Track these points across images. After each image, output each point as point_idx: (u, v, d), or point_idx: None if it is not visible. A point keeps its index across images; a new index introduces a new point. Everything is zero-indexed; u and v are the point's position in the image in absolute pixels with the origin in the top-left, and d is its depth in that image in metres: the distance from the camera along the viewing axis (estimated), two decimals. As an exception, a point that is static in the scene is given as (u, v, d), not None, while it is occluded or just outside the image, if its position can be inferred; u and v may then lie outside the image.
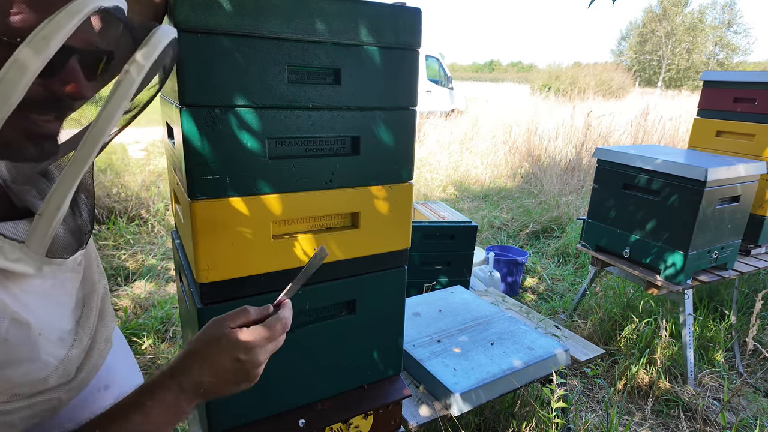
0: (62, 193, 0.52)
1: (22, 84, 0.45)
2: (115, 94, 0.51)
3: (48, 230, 0.54)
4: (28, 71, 0.45)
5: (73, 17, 0.46)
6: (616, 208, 2.47)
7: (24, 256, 0.54)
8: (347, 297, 1.17)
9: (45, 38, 0.45)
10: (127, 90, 0.52)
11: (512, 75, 48.44)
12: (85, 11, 0.46)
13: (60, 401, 0.62)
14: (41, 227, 0.53)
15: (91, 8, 0.47)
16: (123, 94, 0.52)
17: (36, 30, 0.45)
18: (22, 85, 0.45)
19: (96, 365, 0.68)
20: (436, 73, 11.44)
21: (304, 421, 1.17)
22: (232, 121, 0.92)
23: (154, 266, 3.41)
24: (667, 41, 40.26)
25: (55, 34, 0.45)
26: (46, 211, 0.53)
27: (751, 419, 2.21)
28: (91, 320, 0.68)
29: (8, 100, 0.45)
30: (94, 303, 0.69)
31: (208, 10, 0.84)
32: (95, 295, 0.69)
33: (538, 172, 6.43)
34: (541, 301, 3.41)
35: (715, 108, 2.81)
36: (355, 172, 1.08)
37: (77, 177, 0.53)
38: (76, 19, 0.46)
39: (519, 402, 1.95)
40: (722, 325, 2.80)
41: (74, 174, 0.52)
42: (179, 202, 1.12)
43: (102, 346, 0.70)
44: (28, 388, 0.57)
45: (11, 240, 0.52)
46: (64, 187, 0.52)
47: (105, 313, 0.72)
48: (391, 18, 1.02)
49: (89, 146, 0.52)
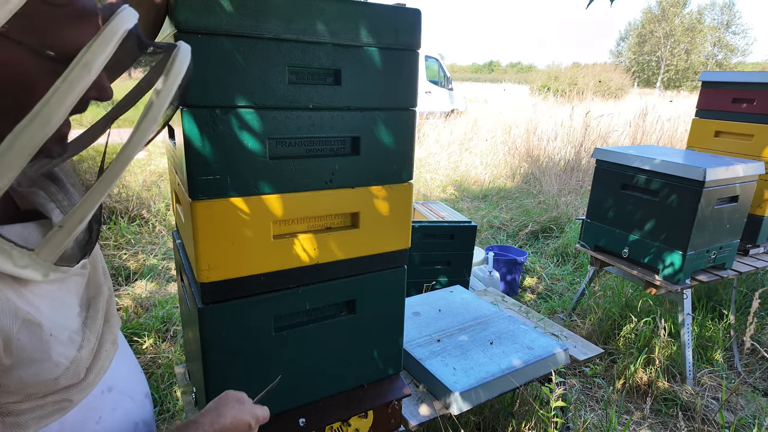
0: (88, 207, 0.54)
1: (63, 109, 0.46)
2: (146, 117, 0.53)
3: (65, 241, 0.55)
4: (70, 97, 0.46)
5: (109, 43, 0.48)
6: (614, 208, 2.48)
7: (32, 263, 0.55)
8: (347, 297, 1.18)
9: (86, 66, 0.47)
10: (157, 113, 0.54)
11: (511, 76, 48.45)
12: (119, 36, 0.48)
13: (70, 403, 0.63)
14: (59, 238, 0.55)
15: (123, 32, 0.49)
16: (153, 118, 0.54)
17: (78, 56, 0.47)
18: (64, 110, 0.47)
19: (103, 367, 0.69)
20: (436, 73, 11.44)
21: (304, 420, 1.17)
22: (233, 121, 0.93)
23: (155, 266, 3.41)
24: (666, 42, 40.31)
25: (95, 61, 0.47)
26: (67, 224, 0.54)
27: (750, 418, 2.22)
28: (98, 322, 0.68)
29: (49, 123, 0.46)
30: (100, 305, 0.69)
31: (209, 11, 0.85)
32: (101, 297, 0.70)
33: (537, 173, 6.44)
34: (541, 300, 3.41)
35: (713, 108, 2.82)
36: (355, 172, 1.09)
37: (104, 193, 0.54)
38: (111, 44, 0.48)
39: (518, 401, 1.96)
40: (721, 325, 2.80)
41: (102, 190, 0.54)
42: (180, 202, 1.13)
43: (109, 348, 0.71)
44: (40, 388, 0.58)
45: (21, 248, 0.53)
46: (91, 202, 0.54)
47: (110, 315, 0.73)
48: (390, 19, 1.02)
49: (120, 166, 0.53)
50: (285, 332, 1.11)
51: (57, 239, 0.55)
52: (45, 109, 0.46)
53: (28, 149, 0.46)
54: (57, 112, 0.46)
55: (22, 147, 0.46)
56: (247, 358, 1.08)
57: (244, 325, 1.06)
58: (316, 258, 1.09)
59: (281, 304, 1.09)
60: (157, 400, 2.15)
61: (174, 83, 0.55)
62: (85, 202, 0.53)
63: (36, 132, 0.45)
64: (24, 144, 0.45)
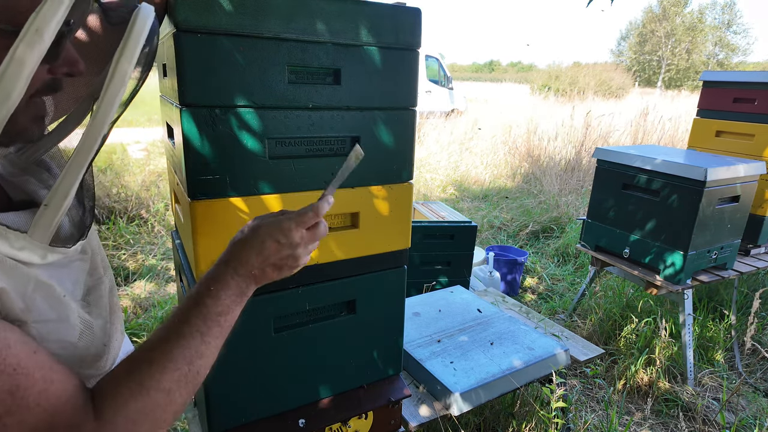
0: (68, 183, 0.54)
1: (21, 80, 0.45)
2: (110, 85, 0.52)
3: (53, 220, 0.55)
4: (26, 67, 0.45)
5: (60, 5, 0.46)
6: (615, 208, 2.47)
7: (28, 245, 0.55)
8: (347, 297, 1.17)
9: (38, 31, 0.45)
10: (121, 80, 0.52)
11: (512, 75, 48.43)
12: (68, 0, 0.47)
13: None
14: (47, 217, 0.54)
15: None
16: (118, 84, 0.52)
17: (27, 24, 0.45)
18: (22, 82, 0.45)
19: (116, 356, 0.70)
20: (436, 73, 11.44)
21: (304, 421, 1.17)
22: (232, 121, 0.92)
23: (154, 266, 3.41)
24: (667, 41, 40.29)
25: (47, 26, 0.45)
26: (52, 202, 0.54)
27: (751, 419, 2.21)
28: (103, 306, 0.69)
29: (9, 97, 0.45)
30: (102, 292, 0.70)
31: (209, 10, 0.84)
32: (102, 285, 0.70)
33: (538, 172, 6.43)
34: (541, 301, 3.41)
35: (714, 108, 2.81)
36: (355, 172, 1.08)
37: (82, 167, 0.54)
38: (63, 7, 0.46)
39: (519, 402, 1.95)
40: (722, 325, 2.80)
41: (79, 165, 0.53)
42: (179, 202, 1.12)
43: (119, 337, 0.71)
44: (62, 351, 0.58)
45: (14, 230, 0.54)
46: (70, 178, 0.54)
47: (115, 306, 0.73)
48: (391, 18, 1.02)
49: (92, 137, 0.53)
50: (285, 333, 1.10)
51: (45, 218, 0.54)
52: (2, 82, 0.44)
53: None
54: (15, 86, 0.45)
55: None
56: (247, 358, 1.07)
57: (244, 325, 1.05)
58: (316, 258, 1.09)
59: (281, 304, 1.08)
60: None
61: (135, 46, 0.53)
62: (64, 178, 0.53)
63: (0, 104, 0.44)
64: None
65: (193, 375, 0.60)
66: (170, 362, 0.58)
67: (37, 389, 0.49)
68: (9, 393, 0.47)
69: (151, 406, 0.55)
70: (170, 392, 0.57)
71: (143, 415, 0.55)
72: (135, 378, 0.56)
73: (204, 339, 0.61)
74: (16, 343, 0.49)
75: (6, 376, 0.47)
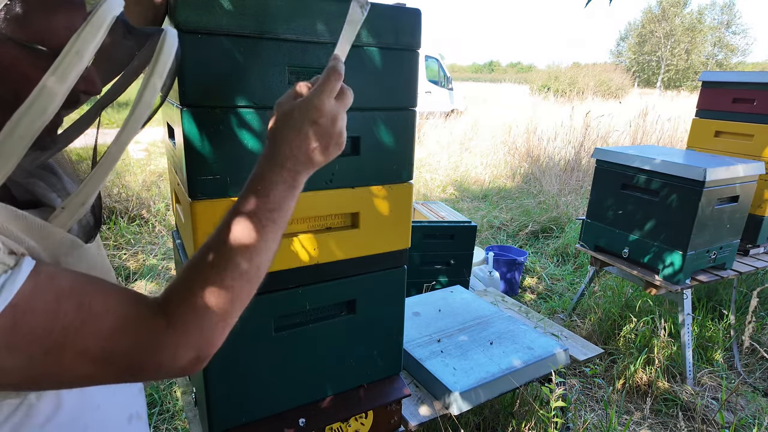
0: (89, 190, 0.56)
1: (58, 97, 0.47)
2: (140, 102, 0.55)
3: (68, 223, 0.57)
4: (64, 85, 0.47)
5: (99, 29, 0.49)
6: (614, 208, 2.48)
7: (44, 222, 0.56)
8: (347, 297, 1.18)
9: (78, 53, 0.47)
10: (150, 97, 0.55)
11: (512, 75, 48.43)
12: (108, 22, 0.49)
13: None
14: (62, 219, 0.56)
15: (111, 19, 0.50)
16: (147, 102, 0.55)
17: (68, 45, 0.47)
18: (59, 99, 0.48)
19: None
20: (436, 73, 11.44)
21: (304, 421, 1.17)
22: (233, 121, 0.93)
23: (155, 266, 3.41)
24: (666, 42, 40.32)
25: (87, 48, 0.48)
26: (69, 206, 0.56)
27: (750, 418, 2.22)
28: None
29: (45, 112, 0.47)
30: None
31: (209, 10, 0.85)
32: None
33: (538, 173, 6.44)
34: (541, 300, 3.41)
35: (713, 108, 2.82)
36: (355, 172, 1.09)
37: (104, 178, 0.56)
38: (101, 31, 0.49)
39: (518, 401, 1.96)
40: (721, 325, 2.80)
41: (102, 175, 0.56)
42: (180, 202, 1.13)
43: None
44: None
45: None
46: (92, 186, 0.56)
47: None
48: (391, 19, 1.02)
49: (117, 150, 0.55)
50: (285, 332, 1.11)
51: (60, 220, 0.56)
52: (40, 97, 0.46)
53: (27, 137, 0.47)
54: (53, 100, 0.47)
55: (21, 135, 0.46)
56: (247, 358, 1.08)
57: (244, 325, 1.05)
58: (316, 258, 1.09)
59: (281, 304, 1.08)
60: (156, 401, 2.15)
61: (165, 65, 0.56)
62: (86, 186, 0.55)
63: (34, 120, 0.46)
64: (23, 132, 0.46)
65: (255, 270, 0.61)
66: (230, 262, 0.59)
67: (100, 299, 0.52)
68: (76, 309, 0.50)
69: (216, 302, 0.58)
70: (233, 289, 0.59)
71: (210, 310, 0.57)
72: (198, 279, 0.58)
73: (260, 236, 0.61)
74: (61, 271, 0.52)
75: (66, 296, 0.50)
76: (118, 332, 0.52)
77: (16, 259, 0.48)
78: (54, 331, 0.48)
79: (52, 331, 0.48)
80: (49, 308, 0.48)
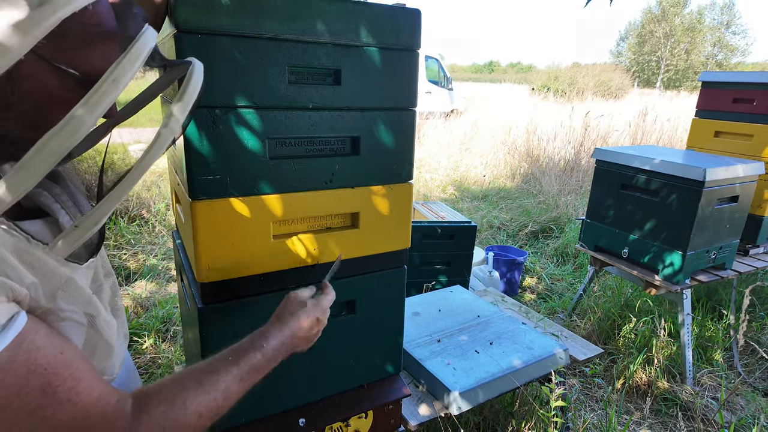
0: (104, 211, 0.57)
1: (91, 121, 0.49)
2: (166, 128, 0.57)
3: (79, 241, 0.58)
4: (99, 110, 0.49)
5: (136, 61, 0.51)
6: (614, 208, 2.48)
7: (43, 256, 0.57)
8: (347, 297, 1.18)
9: (115, 81, 0.49)
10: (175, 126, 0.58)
11: (511, 76, 48.40)
12: (145, 54, 0.52)
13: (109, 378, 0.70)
14: (73, 236, 0.58)
15: (148, 51, 0.52)
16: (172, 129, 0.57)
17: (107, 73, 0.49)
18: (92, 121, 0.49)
19: (122, 357, 0.74)
20: (436, 73, 11.44)
21: (304, 421, 1.17)
22: (233, 121, 0.93)
23: (155, 266, 3.41)
24: (666, 42, 40.33)
25: (124, 77, 0.50)
26: (83, 224, 0.57)
27: (750, 418, 2.22)
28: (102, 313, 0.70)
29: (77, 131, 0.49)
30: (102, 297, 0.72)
31: (209, 10, 0.85)
32: (102, 293, 0.73)
33: (537, 173, 6.44)
34: (540, 300, 3.41)
35: (713, 108, 2.82)
36: (355, 172, 1.09)
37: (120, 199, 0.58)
38: (139, 62, 0.51)
39: (518, 401, 1.96)
40: (720, 325, 2.80)
41: (119, 197, 0.57)
42: (180, 202, 1.13)
43: (122, 341, 0.75)
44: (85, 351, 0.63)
45: (36, 241, 0.57)
46: (108, 206, 0.57)
47: (119, 311, 0.76)
48: (391, 19, 1.02)
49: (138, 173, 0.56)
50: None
51: (71, 238, 0.58)
52: (74, 120, 0.48)
53: (56, 154, 0.48)
54: (86, 122, 0.49)
55: (51, 152, 0.48)
56: (247, 358, 1.08)
57: (244, 325, 1.05)
58: (316, 258, 1.10)
59: (281, 304, 1.08)
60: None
61: (192, 97, 0.59)
62: (102, 206, 0.56)
63: (65, 139, 0.48)
64: (53, 149, 0.48)
65: (221, 408, 0.69)
66: (214, 391, 0.67)
67: (66, 386, 0.54)
68: (41, 391, 0.51)
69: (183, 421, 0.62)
70: (201, 416, 0.65)
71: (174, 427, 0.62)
72: (182, 393, 0.64)
73: (242, 383, 0.72)
74: (45, 344, 0.53)
75: (37, 375, 0.51)
76: (73, 427, 0.54)
77: (9, 315, 0.50)
78: (10, 407, 0.50)
79: (8, 406, 0.50)
80: (15, 383, 0.50)
